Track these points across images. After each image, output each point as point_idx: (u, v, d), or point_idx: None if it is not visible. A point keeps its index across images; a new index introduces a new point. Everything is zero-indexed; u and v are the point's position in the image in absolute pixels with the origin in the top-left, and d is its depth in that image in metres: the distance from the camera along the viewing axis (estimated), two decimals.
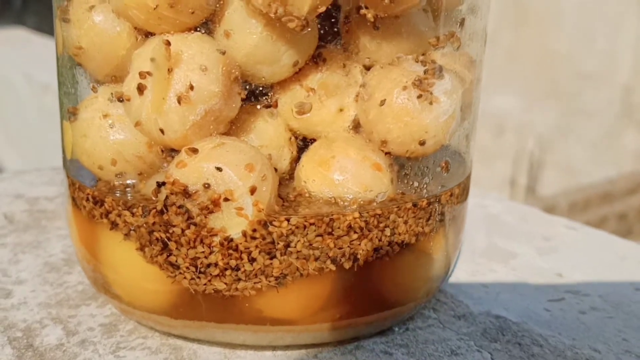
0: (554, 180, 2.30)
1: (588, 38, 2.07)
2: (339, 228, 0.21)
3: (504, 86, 2.25)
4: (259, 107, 0.22)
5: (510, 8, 2.20)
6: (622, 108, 2.07)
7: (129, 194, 0.23)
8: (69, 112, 0.23)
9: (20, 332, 0.24)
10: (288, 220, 0.21)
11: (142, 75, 0.20)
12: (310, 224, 0.21)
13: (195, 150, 0.20)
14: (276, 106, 0.22)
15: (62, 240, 0.32)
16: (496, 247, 0.33)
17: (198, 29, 0.21)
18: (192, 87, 0.20)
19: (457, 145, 0.25)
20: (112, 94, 0.23)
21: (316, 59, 0.23)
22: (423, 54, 0.23)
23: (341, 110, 0.23)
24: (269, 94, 0.23)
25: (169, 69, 0.20)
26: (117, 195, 0.22)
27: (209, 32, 0.22)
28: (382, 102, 0.22)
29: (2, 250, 0.31)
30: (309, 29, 0.20)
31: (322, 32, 0.22)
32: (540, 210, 0.39)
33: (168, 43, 0.20)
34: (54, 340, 0.23)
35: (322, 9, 0.20)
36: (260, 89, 0.23)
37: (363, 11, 0.21)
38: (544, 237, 0.35)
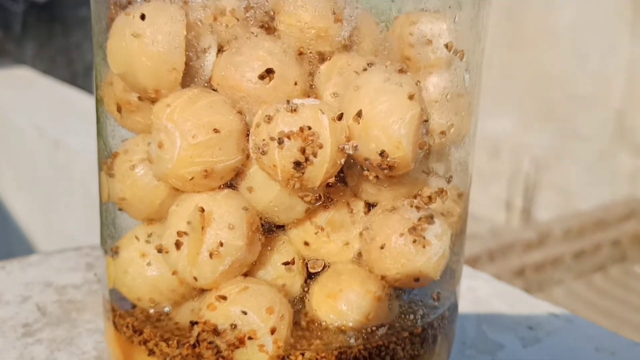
0: (550, 202, 2.33)
1: (581, 60, 2.11)
2: (346, 359, 0.25)
3: (498, 108, 2.29)
4: (279, 264, 0.25)
5: (504, 29, 2.24)
6: (615, 130, 2.11)
7: (164, 322, 0.26)
8: (111, 250, 0.27)
9: None
10: (303, 354, 0.24)
11: (179, 234, 0.24)
12: (322, 357, 0.24)
13: (224, 297, 0.24)
14: (293, 263, 0.25)
15: (92, 335, 0.35)
16: (485, 338, 0.37)
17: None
18: (221, 244, 0.24)
19: (448, 270, 0.28)
20: (149, 235, 0.26)
21: (324, 200, 0.27)
22: (419, 193, 0.27)
23: (346, 244, 0.27)
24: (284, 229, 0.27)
25: (202, 227, 0.24)
26: (155, 326, 0.26)
27: (233, 186, 0.25)
28: (382, 246, 0.26)
29: (39, 347, 0.34)
30: (321, 201, 0.24)
31: None
32: (526, 294, 0.43)
33: (202, 210, 0.23)
34: None
35: (332, 179, 0.24)
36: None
37: (365, 173, 0.25)
38: (529, 325, 0.38)
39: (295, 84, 0.24)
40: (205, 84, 0.25)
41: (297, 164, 0.22)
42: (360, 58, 0.26)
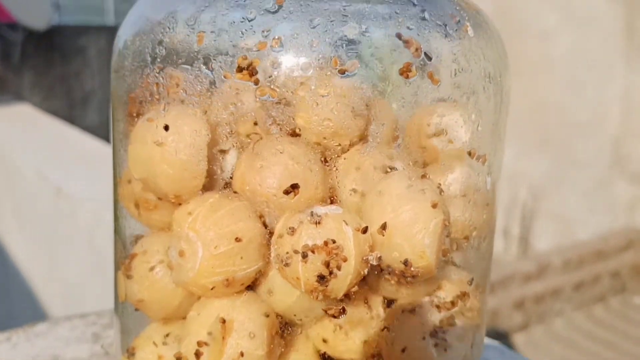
0: (548, 230, 2.33)
1: (577, 89, 2.12)
2: None
3: None
4: None
5: None
6: (612, 158, 2.12)
7: None
8: (128, 351, 0.26)
9: None
10: None
11: (199, 344, 0.23)
12: None
13: None
14: None
15: None
16: None
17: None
18: (242, 354, 0.23)
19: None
20: (166, 335, 0.26)
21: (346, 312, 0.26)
22: (439, 288, 0.27)
23: (365, 341, 0.27)
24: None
25: (223, 337, 0.23)
26: None
27: (252, 287, 0.25)
28: (404, 350, 0.25)
29: None
30: (345, 315, 0.24)
31: None
32: None
33: (224, 321, 0.23)
34: None
35: (355, 288, 0.23)
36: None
37: (387, 277, 0.24)
38: None
39: (317, 187, 0.24)
40: (226, 186, 0.25)
41: (321, 278, 0.22)
42: (378, 152, 0.26)
